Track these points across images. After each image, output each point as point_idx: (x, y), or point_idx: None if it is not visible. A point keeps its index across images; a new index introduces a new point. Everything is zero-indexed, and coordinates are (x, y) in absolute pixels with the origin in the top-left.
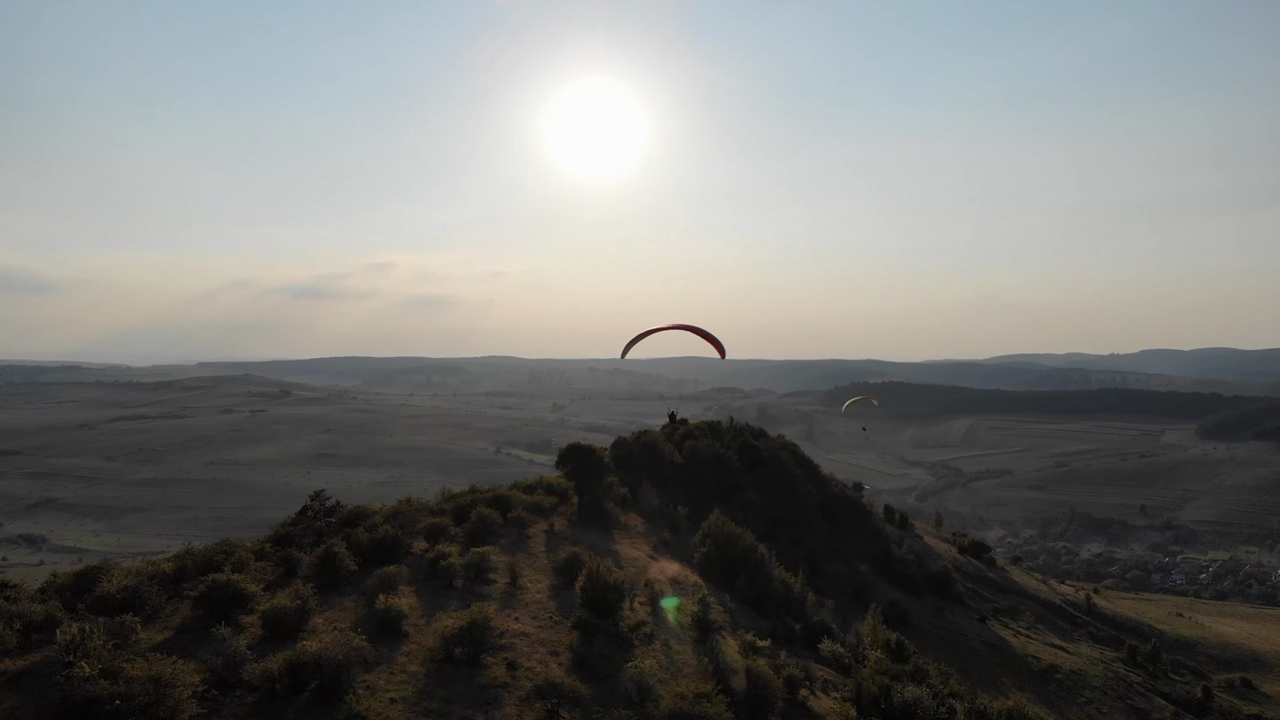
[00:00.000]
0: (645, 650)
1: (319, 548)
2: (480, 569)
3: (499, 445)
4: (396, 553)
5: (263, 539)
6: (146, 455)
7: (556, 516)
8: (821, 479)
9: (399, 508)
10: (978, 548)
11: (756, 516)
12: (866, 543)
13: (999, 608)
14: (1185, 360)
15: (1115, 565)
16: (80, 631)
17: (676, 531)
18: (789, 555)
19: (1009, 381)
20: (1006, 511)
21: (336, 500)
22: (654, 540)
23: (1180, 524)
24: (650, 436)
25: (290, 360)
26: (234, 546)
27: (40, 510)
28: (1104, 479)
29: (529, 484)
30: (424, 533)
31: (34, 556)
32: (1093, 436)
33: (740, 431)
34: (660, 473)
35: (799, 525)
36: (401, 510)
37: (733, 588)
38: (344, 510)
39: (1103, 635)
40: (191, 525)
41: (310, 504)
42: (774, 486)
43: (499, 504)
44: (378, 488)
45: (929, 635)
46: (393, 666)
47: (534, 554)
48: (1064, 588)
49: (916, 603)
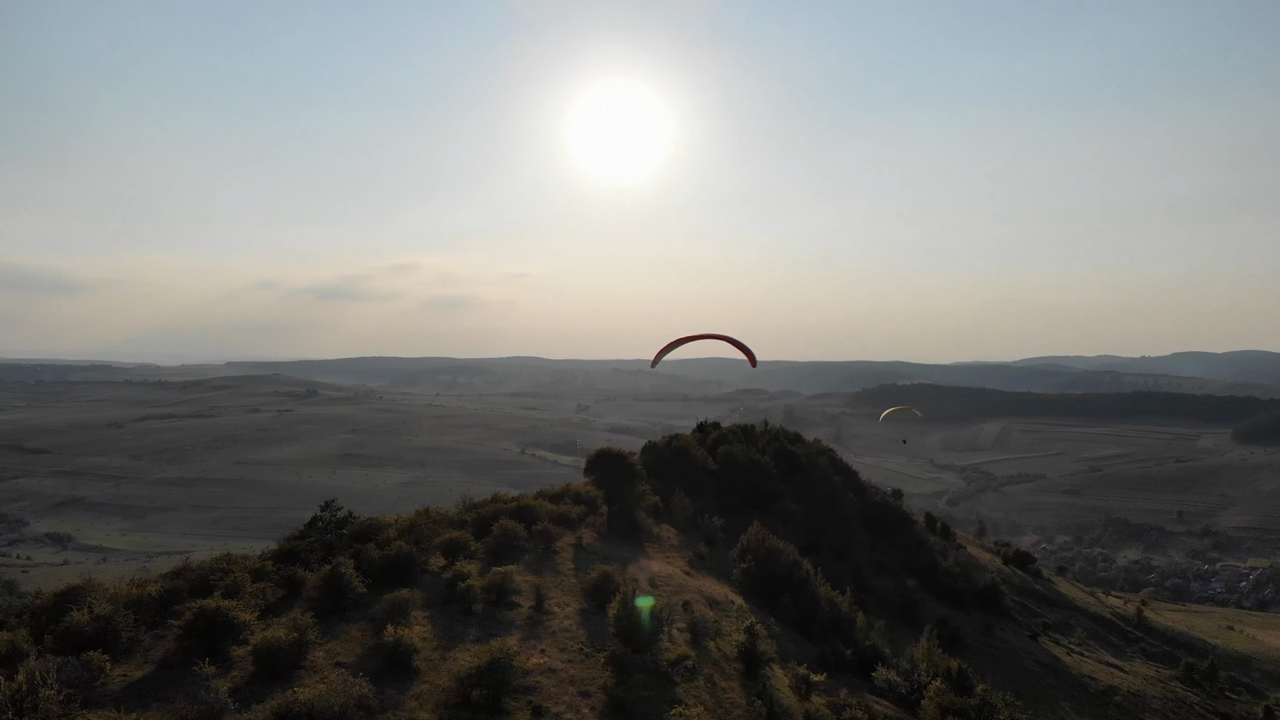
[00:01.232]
0: (688, 688)
1: (325, 566)
2: (502, 591)
3: (524, 446)
4: (410, 572)
5: (265, 554)
6: (173, 454)
7: (584, 528)
8: (861, 486)
9: (415, 519)
10: (1022, 558)
11: (796, 527)
12: (910, 554)
13: (1048, 623)
14: (1218, 363)
15: (1153, 573)
16: (28, 680)
17: (712, 544)
18: (831, 569)
19: (1039, 384)
20: (1040, 517)
21: (349, 510)
22: (689, 554)
23: (1218, 530)
24: (682, 441)
25: (317, 360)
26: (232, 564)
27: (67, 509)
28: (1139, 484)
29: (555, 492)
30: (442, 548)
31: (59, 555)
32: (1127, 440)
33: (775, 436)
34: (693, 480)
35: (840, 536)
36: (418, 523)
37: (776, 608)
38: (357, 521)
39: (1156, 652)
40: (216, 525)
41: (320, 514)
42: (812, 494)
43: (523, 515)
44: (403, 488)
45: (981, 655)
46: (400, 714)
47: (561, 572)
48: (1112, 600)
49: (965, 619)
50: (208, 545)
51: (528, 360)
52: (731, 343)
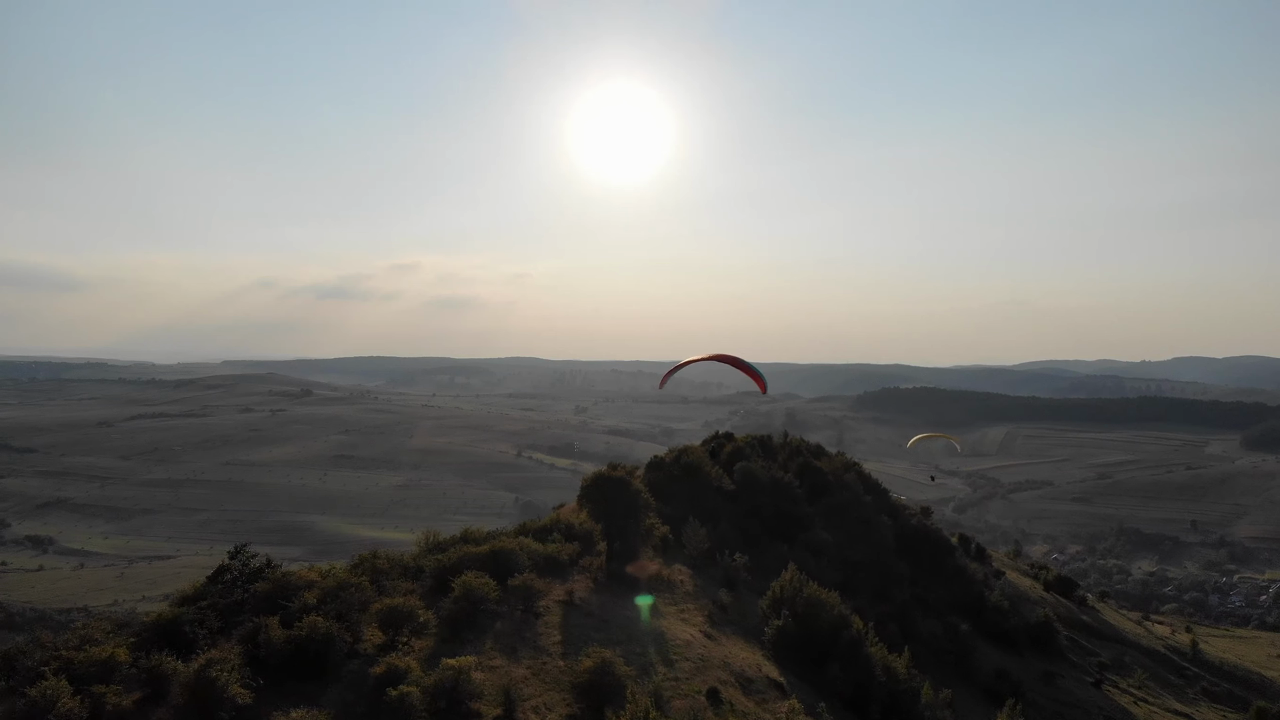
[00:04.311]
0: None
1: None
2: (454, 697)
3: (520, 448)
4: (329, 657)
5: (132, 633)
6: (162, 454)
7: (577, 575)
8: (893, 506)
9: (347, 579)
10: (1065, 584)
11: (829, 562)
12: (952, 587)
13: (1105, 663)
14: (1218, 368)
15: (1170, 586)
16: None
17: (734, 587)
18: (872, 611)
19: (1041, 388)
20: (1050, 525)
21: (267, 559)
22: (707, 605)
23: (1234, 540)
24: (692, 457)
25: (315, 360)
26: (76, 654)
27: (51, 510)
28: (1150, 492)
29: (542, 526)
30: (379, 618)
31: (36, 560)
32: (1134, 447)
33: (797, 449)
34: (706, 504)
35: (879, 571)
36: (350, 583)
37: (822, 679)
38: (274, 574)
39: (1218, 691)
40: (203, 528)
41: (229, 564)
42: (844, 520)
43: (497, 564)
44: (396, 490)
45: (1045, 712)
46: None
47: (545, 650)
48: (1158, 627)
49: (1020, 664)
50: (193, 549)
51: (526, 361)
52: (740, 367)
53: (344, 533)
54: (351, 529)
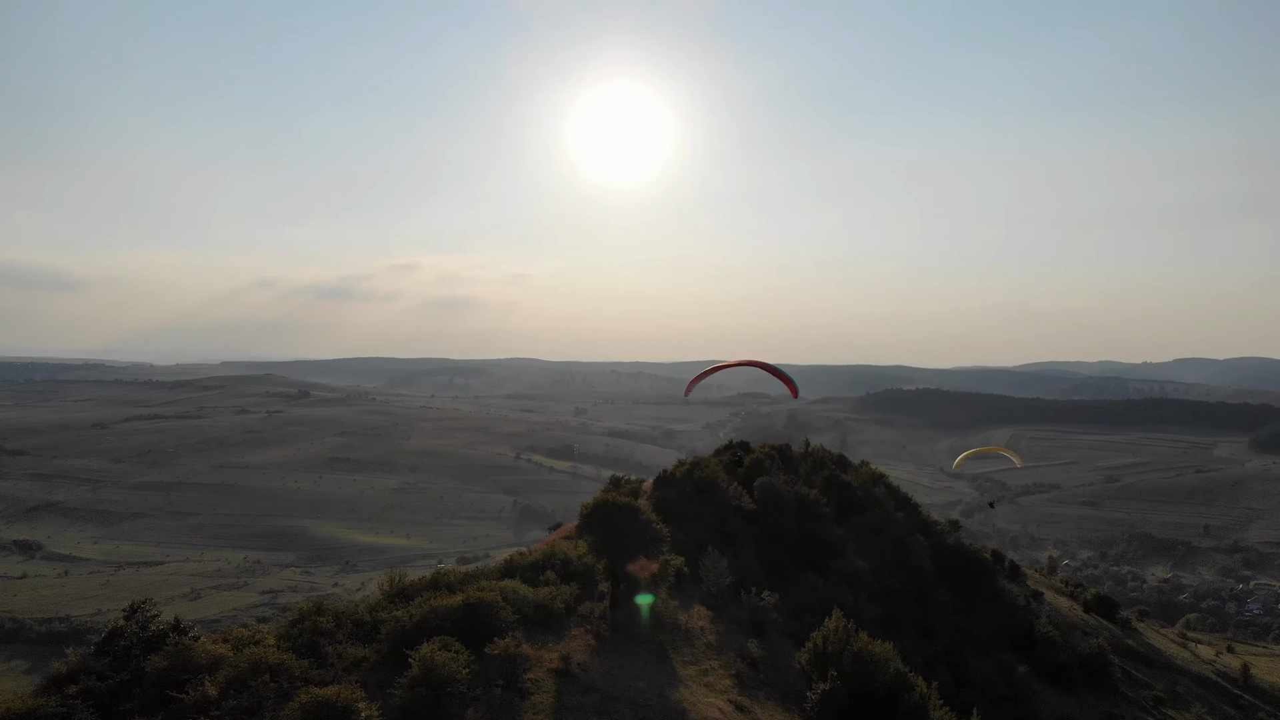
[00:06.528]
0: None
1: None
2: None
3: (519, 450)
4: None
5: None
6: (155, 457)
7: (575, 631)
8: (926, 523)
9: (265, 657)
10: (1106, 604)
11: (866, 593)
12: (995, 615)
13: (1160, 695)
14: (1220, 369)
15: (1186, 593)
16: None
17: (763, 633)
18: (918, 652)
19: (1043, 389)
20: (1060, 530)
21: (175, 621)
22: (734, 661)
23: (1248, 546)
24: (706, 471)
25: (313, 360)
26: None
27: (40, 514)
28: (1160, 495)
29: (533, 561)
30: (303, 716)
31: (20, 568)
32: (1142, 449)
33: (821, 460)
34: (724, 526)
35: (920, 602)
36: (265, 665)
37: None
38: (176, 646)
39: None
40: (194, 533)
41: (124, 625)
42: (878, 543)
43: (474, 620)
44: (393, 494)
45: None
46: None
47: None
48: (1202, 648)
49: (1077, 704)
50: (183, 555)
51: (526, 362)
52: (772, 371)
53: (338, 537)
54: (346, 533)
